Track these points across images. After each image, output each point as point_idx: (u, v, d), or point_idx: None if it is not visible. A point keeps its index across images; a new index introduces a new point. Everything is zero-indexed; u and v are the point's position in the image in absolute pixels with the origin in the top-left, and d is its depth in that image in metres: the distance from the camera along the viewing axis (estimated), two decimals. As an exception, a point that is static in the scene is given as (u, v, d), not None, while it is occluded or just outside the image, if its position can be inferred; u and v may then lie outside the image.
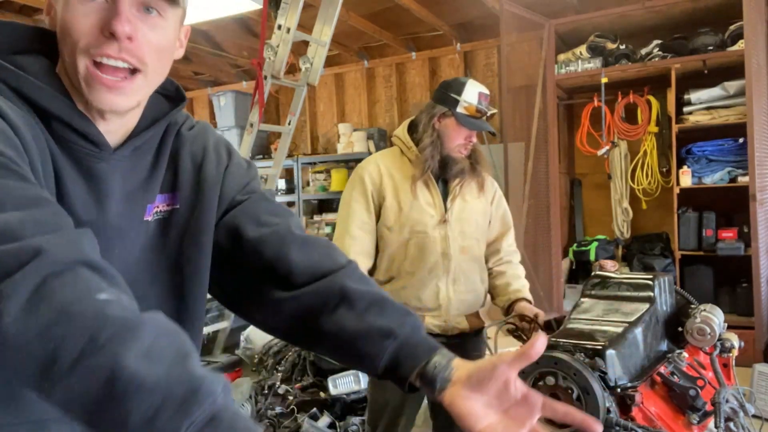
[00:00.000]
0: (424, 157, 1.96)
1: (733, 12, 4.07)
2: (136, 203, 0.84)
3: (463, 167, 2.00)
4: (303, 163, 6.24)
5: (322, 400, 3.32)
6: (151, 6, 0.77)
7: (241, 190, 0.95)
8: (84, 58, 0.75)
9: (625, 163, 4.85)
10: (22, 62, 0.77)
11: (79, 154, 0.78)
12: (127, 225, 0.83)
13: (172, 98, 0.91)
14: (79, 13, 0.74)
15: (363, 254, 1.96)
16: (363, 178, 1.99)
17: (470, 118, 1.96)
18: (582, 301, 1.48)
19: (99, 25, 0.74)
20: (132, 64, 0.76)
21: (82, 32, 0.74)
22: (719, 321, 1.41)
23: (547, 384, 1.20)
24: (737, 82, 4.14)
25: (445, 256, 1.96)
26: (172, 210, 0.90)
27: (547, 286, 4.82)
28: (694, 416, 1.26)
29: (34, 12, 5.09)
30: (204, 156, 0.93)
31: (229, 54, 6.24)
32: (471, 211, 2.03)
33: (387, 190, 1.97)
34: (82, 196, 0.78)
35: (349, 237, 1.94)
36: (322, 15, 3.71)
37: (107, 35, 0.74)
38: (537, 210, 4.80)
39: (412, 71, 6.23)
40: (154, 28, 0.78)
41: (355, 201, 1.98)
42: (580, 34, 4.76)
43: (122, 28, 0.73)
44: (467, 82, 1.99)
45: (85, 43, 0.74)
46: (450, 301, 1.97)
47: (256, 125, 3.69)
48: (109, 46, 0.74)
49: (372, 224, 1.99)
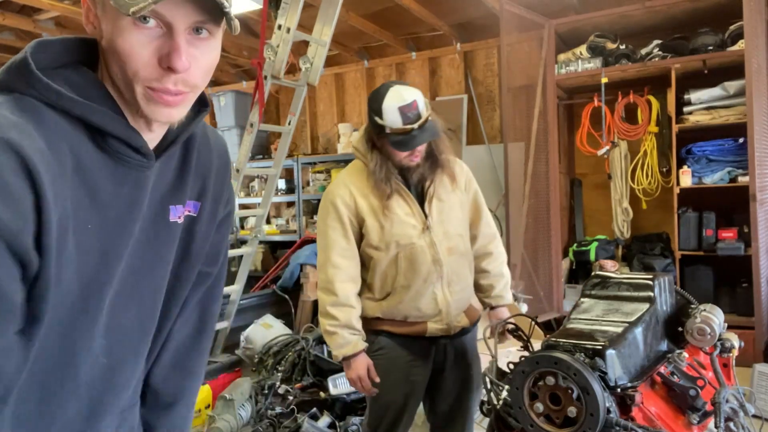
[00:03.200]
0: (376, 180, 1.90)
1: (733, 12, 4.07)
2: (164, 205, 0.87)
3: (422, 171, 1.95)
4: (303, 163, 6.24)
5: (322, 400, 3.32)
6: (203, 27, 0.76)
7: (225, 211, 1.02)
8: (141, 85, 0.75)
9: (625, 163, 4.85)
10: (69, 77, 0.76)
11: (129, 165, 0.79)
12: (156, 227, 0.86)
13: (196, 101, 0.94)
14: (135, 42, 0.72)
15: (348, 281, 1.93)
16: (336, 205, 1.93)
17: (401, 139, 1.83)
18: (582, 301, 1.48)
19: (157, 57, 0.73)
20: (185, 92, 0.77)
21: (140, 64, 0.73)
22: (719, 321, 1.41)
23: (547, 384, 1.20)
24: (737, 82, 4.14)
25: (436, 262, 1.94)
26: (191, 216, 0.93)
27: (547, 286, 4.82)
28: (694, 416, 1.26)
29: (34, 12, 5.09)
30: (225, 174, 0.99)
31: (229, 54, 6.24)
32: (449, 208, 1.99)
33: (363, 211, 1.92)
34: (120, 203, 0.79)
35: (332, 267, 1.91)
36: (322, 15, 3.71)
37: (165, 68, 0.73)
38: (537, 210, 4.80)
39: (412, 71, 6.23)
40: (205, 52, 0.77)
41: (332, 229, 1.94)
42: (580, 34, 4.76)
43: (183, 64, 0.73)
44: (384, 100, 1.84)
45: (145, 74, 0.74)
46: (449, 304, 1.97)
47: (256, 125, 3.69)
48: (167, 79, 0.74)
49: (352, 249, 1.95)
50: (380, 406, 2.03)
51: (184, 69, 0.73)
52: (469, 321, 2.05)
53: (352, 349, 1.91)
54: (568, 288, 4.99)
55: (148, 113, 0.76)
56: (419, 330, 1.97)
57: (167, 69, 0.73)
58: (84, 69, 0.79)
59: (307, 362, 3.64)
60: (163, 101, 0.75)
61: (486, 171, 5.38)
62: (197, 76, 0.77)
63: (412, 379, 2.00)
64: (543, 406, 1.21)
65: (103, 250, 0.78)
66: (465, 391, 2.07)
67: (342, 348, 1.92)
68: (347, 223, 1.93)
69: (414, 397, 2.03)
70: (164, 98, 0.75)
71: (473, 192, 2.10)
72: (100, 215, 0.77)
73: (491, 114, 5.79)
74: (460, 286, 2.00)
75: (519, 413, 1.24)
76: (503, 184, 4.86)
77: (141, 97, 0.75)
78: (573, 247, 5.13)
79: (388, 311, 1.97)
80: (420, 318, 1.96)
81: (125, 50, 0.73)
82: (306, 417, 3.04)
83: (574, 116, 5.40)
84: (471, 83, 5.84)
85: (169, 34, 0.73)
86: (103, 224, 0.77)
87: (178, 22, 0.72)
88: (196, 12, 0.73)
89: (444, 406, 2.09)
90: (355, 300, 1.94)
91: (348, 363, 1.94)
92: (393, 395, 2.00)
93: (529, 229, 4.72)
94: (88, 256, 0.75)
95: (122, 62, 0.74)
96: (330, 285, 1.93)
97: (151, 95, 0.75)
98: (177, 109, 0.78)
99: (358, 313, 1.95)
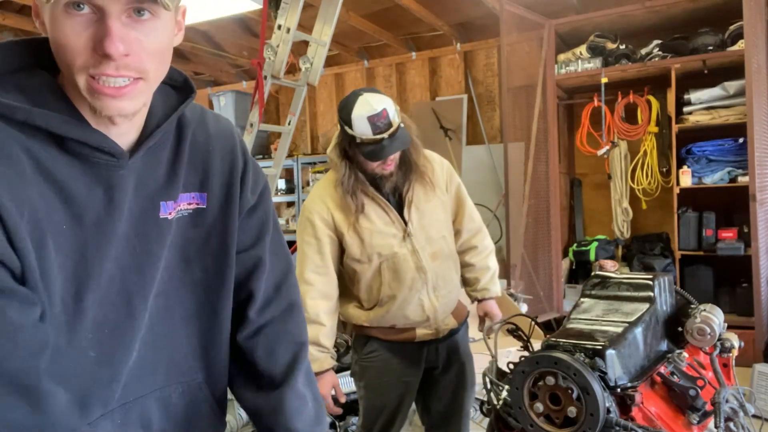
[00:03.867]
0: (344, 192, 1.86)
1: (733, 12, 4.07)
2: (152, 202, 0.85)
3: (395, 181, 1.91)
4: (303, 163, 6.24)
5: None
6: (143, 8, 0.72)
7: (254, 196, 0.99)
8: (83, 75, 0.72)
9: (625, 163, 4.85)
10: (22, 83, 0.75)
11: (98, 166, 0.78)
12: (144, 225, 0.84)
13: (180, 89, 0.90)
14: (68, 30, 0.70)
15: (320, 298, 1.91)
16: (312, 221, 1.91)
17: (372, 149, 1.80)
18: (582, 301, 1.48)
19: (91, 44, 0.70)
20: (132, 77, 0.74)
21: (75, 52, 0.71)
22: (719, 321, 1.42)
23: (547, 384, 1.20)
24: (737, 82, 4.14)
25: (420, 269, 1.91)
26: (197, 209, 0.91)
27: (547, 286, 4.83)
28: (694, 416, 1.26)
29: (34, 12, 5.09)
30: (233, 159, 0.94)
31: (229, 54, 6.24)
32: (431, 212, 1.96)
33: (341, 226, 1.89)
34: (96, 204, 0.78)
35: (304, 283, 1.89)
36: (322, 15, 3.71)
37: (101, 55, 0.71)
38: (537, 210, 4.80)
39: (412, 71, 6.23)
40: (149, 33, 0.74)
41: (306, 244, 1.91)
42: (580, 34, 4.76)
43: (116, 48, 0.70)
44: (353, 109, 1.79)
45: (81, 62, 0.71)
46: (435, 309, 1.95)
47: (256, 125, 3.69)
48: (106, 65, 0.71)
49: (326, 265, 1.91)
50: (374, 407, 2.03)
51: (118, 53, 0.70)
52: (457, 321, 2.04)
53: (318, 366, 1.88)
54: (568, 288, 5.00)
55: (96, 107, 0.74)
56: (408, 337, 1.97)
57: (103, 56, 0.70)
58: (40, 72, 0.77)
59: (307, 362, 3.64)
60: (105, 93, 0.72)
61: (486, 171, 5.38)
62: (143, 59, 0.73)
63: (405, 380, 2.00)
64: (543, 406, 1.21)
65: (81, 250, 0.77)
66: (459, 390, 2.07)
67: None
68: (324, 240, 1.90)
69: (408, 398, 2.03)
70: (105, 90, 0.72)
71: (455, 187, 2.06)
72: (75, 216, 0.76)
73: (491, 114, 5.79)
74: (447, 290, 1.98)
75: (519, 413, 1.24)
76: (503, 184, 4.86)
77: (85, 89, 0.73)
78: (573, 247, 5.13)
79: (375, 320, 1.96)
80: (408, 325, 1.96)
81: (61, 40, 0.71)
82: (306, 417, 3.04)
83: (574, 116, 5.40)
84: (471, 83, 5.84)
85: (102, 19, 0.70)
86: (80, 224, 0.77)
87: (110, 6, 0.70)
88: None
89: (439, 406, 2.09)
90: (325, 317, 1.90)
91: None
92: (387, 397, 2.00)
93: (529, 229, 4.72)
94: (67, 257, 0.76)
95: (61, 53, 0.72)
96: (301, 302, 1.91)
97: (94, 87, 0.72)
98: (126, 101, 0.74)
99: (327, 330, 1.91)
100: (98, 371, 0.82)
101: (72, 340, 0.79)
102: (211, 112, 0.98)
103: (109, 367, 0.83)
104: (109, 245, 0.80)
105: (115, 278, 0.82)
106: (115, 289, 0.82)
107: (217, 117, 0.98)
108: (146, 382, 0.89)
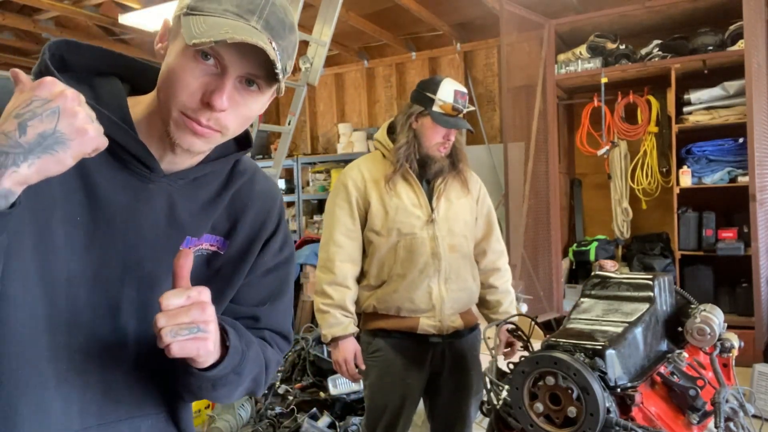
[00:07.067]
0: (396, 157, 1.97)
1: (733, 12, 4.07)
2: (178, 230, 0.88)
3: (442, 166, 2.01)
4: (303, 163, 6.24)
5: (322, 400, 3.32)
6: (254, 80, 0.80)
7: (274, 261, 1.01)
8: (177, 110, 0.79)
9: (625, 163, 4.85)
10: (97, 84, 0.84)
11: (132, 173, 0.83)
12: (164, 246, 0.86)
13: (240, 141, 0.96)
14: (189, 72, 0.77)
15: (348, 261, 1.97)
16: (346, 185, 1.99)
17: (446, 117, 1.96)
18: (582, 301, 1.48)
19: (201, 92, 0.77)
20: (214, 130, 0.80)
21: (186, 90, 0.77)
22: (719, 321, 1.42)
23: (547, 384, 1.20)
24: (737, 82, 4.14)
25: (435, 255, 1.95)
26: (215, 253, 0.93)
27: (547, 286, 4.83)
28: (694, 416, 1.26)
29: (34, 12, 5.09)
30: (266, 220, 0.98)
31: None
32: (457, 210, 2.03)
33: (372, 195, 1.97)
34: (120, 207, 0.82)
35: (334, 245, 1.95)
36: (322, 15, 3.71)
37: (204, 103, 0.77)
38: (537, 210, 4.80)
39: (412, 71, 6.23)
40: (248, 103, 0.81)
41: (339, 208, 1.98)
42: (580, 34, 4.77)
43: (221, 104, 0.77)
44: (443, 80, 1.99)
45: (183, 102, 0.78)
46: (443, 300, 1.97)
47: (256, 125, 3.69)
48: (202, 113, 0.78)
49: (357, 231, 1.99)
50: (378, 407, 2.03)
51: (220, 108, 0.77)
52: (463, 324, 2.03)
53: (342, 330, 1.92)
54: (568, 288, 5.00)
55: (174, 136, 0.80)
56: (411, 325, 1.97)
57: (206, 104, 0.77)
58: (114, 80, 0.86)
59: (307, 362, 3.64)
60: (191, 128, 0.79)
61: (486, 171, 5.38)
62: (231, 119, 0.80)
63: (409, 381, 2.00)
64: (543, 406, 1.21)
65: (90, 247, 0.79)
66: (464, 397, 2.06)
67: (332, 328, 1.93)
68: (355, 205, 1.98)
69: (411, 399, 2.03)
70: (193, 126, 0.79)
71: (487, 208, 2.17)
72: (93, 212, 0.79)
73: (491, 114, 5.79)
74: (458, 286, 2.00)
75: (519, 413, 1.24)
76: (503, 184, 4.86)
77: (173, 120, 0.79)
78: (573, 247, 5.13)
79: (382, 299, 1.97)
80: (413, 312, 1.96)
81: (179, 74, 0.78)
82: (306, 417, 3.05)
83: (574, 116, 5.40)
84: (471, 83, 5.84)
85: (221, 75, 0.77)
86: (95, 222, 0.79)
87: (233, 68, 0.77)
88: (252, 66, 0.78)
89: (442, 413, 2.08)
90: (352, 281, 1.97)
91: (336, 344, 1.95)
92: (390, 397, 1.99)
93: (529, 229, 4.73)
94: (74, 252, 0.78)
95: (171, 84, 0.78)
96: (330, 263, 1.95)
97: (183, 121, 0.79)
98: (201, 141, 0.81)
99: (353, 295, 1.97)
100: (86, 378, 0.82)
101: (60, 342, 0.79)
102: (263, 172, 1.03)
103: (94, 374, 0.83)
104: (124, 250, 0.82)
105: (127, 288, 0.83)
106: (119, 299, 0.83)
107: (267, 178, 1.03)
108: (122, 408, 0.87)
